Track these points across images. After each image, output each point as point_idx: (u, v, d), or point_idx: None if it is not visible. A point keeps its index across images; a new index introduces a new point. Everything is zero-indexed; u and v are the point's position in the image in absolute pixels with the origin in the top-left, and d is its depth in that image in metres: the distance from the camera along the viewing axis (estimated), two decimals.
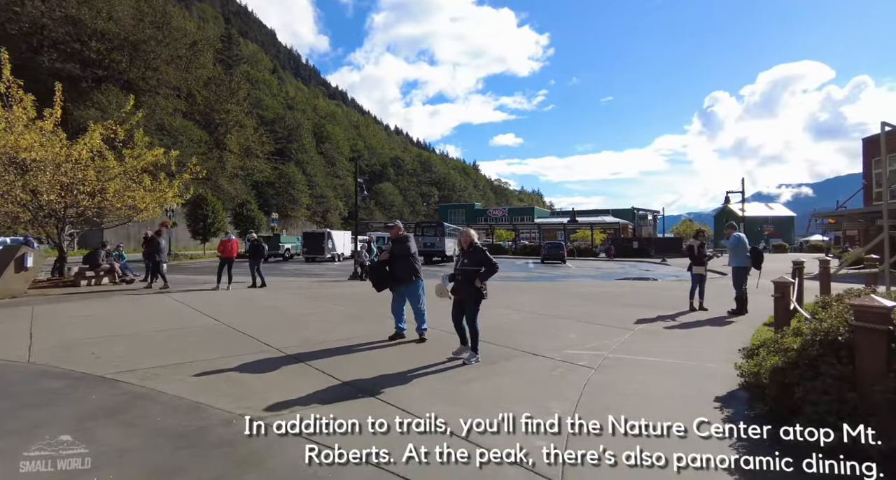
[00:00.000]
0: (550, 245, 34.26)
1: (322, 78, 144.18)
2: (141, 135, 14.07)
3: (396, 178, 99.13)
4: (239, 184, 59.98)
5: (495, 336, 6.19)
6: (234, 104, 60.62)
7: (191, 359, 4.98)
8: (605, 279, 19.80)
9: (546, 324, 7.21)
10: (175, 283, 13.77)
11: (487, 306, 9.05)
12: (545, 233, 57.70)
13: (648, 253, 41.92)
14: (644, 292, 12.32)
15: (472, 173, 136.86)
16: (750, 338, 6.09)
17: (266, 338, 5.99)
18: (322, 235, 30.67)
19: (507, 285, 14.75)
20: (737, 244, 8.09)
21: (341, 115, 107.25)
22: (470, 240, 5.02)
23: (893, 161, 23.21)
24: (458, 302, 5.09)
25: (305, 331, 6.55)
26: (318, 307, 9.07)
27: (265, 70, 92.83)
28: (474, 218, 74.30)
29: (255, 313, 8.20)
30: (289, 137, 78.77)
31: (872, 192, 24.39)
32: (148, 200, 13.33)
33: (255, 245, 12.58)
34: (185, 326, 6.92)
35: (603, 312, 8.41)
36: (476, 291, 4.92)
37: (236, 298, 10.37)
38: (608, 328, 6.85)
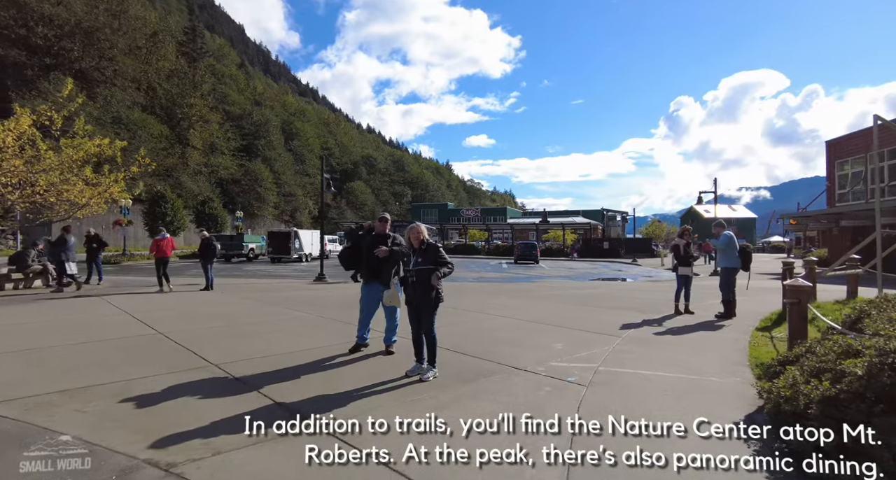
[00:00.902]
0: (523, 245, 33.92)
1: (293, 75, 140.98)
2: (82, 123, 12.77)
3: (368, 177, 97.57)
4: (202, 180, 57.51)
5: (472, 346, 5.50)
6: (198, 98, 58.08)
7: (103, 381, 4.09)
8: (579, 279, 19.46)
9: (526, 331, 6.57)
10: (120, 285, 12.57)
11: (462, 311, 8.57)
12: (518, 233, 57.66)
13: (619, 254, 42.23)
14: (623, 294, 11.89)
15: (445, 173, 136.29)
16: (747, 346, 5.60)
17: (206, 352, 5.13)
18: (288, 234, 29.42)
19: (482, 287, 14.12)
20: (727, 244, 7.63)
21: (311, 112, 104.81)
22: (421, 236, 4.35)
23: (856, 163, 23.78)
24: (413, 309, 4.39)
25: (254, 343, 5.70)
26: (275, 313, 8.19)
27: (232, 65, 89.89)
28: (447, 217, 73.73)
29: (199, 321, 7.26)
30: (256, 134, 76.35)
31: (835, 194, 24.94)
32: (88, 195, 12.06)
33: (207, 243, 11.53)
34: (110, 337, 5.96)
35: (585, 316, 7.85)
36: (434, 294, 4.27)
37: (182, 303, 9.36)
38: (594, 335, 6.26)
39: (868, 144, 22.77)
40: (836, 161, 24.87)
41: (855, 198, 23.51)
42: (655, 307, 8.86)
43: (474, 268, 25.37)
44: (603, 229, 67.03)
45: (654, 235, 66.60)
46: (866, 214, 20.84)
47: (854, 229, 22.65)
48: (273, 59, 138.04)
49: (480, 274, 21.29)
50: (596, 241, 50.38)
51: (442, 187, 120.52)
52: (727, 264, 7.62)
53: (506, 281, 17.62)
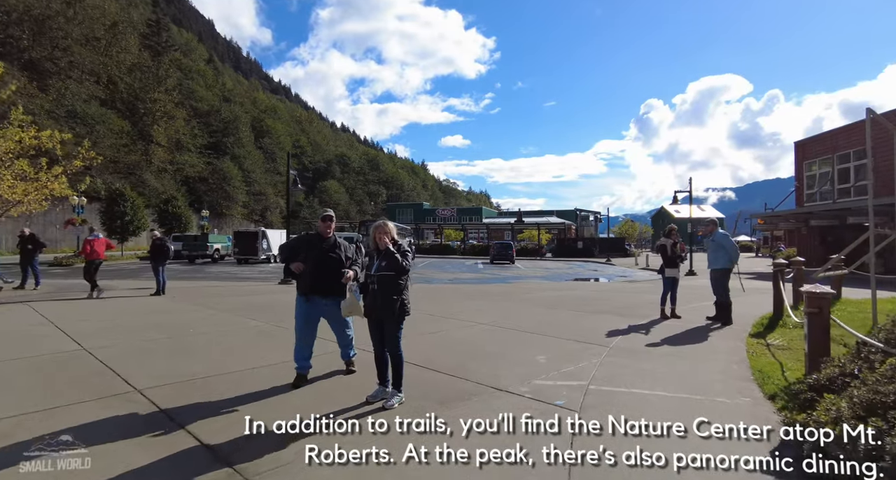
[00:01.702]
0: (499, 245, 33.55)
1: (264, 72, 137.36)
2: (18, 112, 11.58)
3: (342, 176, 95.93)
4: (167, 179, 55.21)
5: (446, 361, 4.87)
6: (163, 93, 55.68)
7: None
8: (556, 279, 19.10)
9: (506, 341, 5.98)
10: (63, 290, 11.46)
11: (437, 318, 7.76)
12: (493, 233, 57.47)
13: (593, 253, 42.44)
14: (603, 295, 11.47)
15: (420, 173, 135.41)
16: (745, 356, 5.15)
17: (133, 373, 4.35)
18: (255, 234, 28.26)
19: (458, 289, 13.52)
20: (723, 243, 7.16)
21: (283, 110, 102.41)
22: (387, 235, 3.64)
23: (823, 164, 24.21)
24: (374, 322, 3.71)
25: (195, 361, 4.93)
26: (227, 322, 7.38)
27: (200, 60, 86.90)
28: (423, 217, 72.98)
29: (136, 333, 6.40)
30: (225, 131, 74.09)
31: (804, 194, 25.37)
32: (22, 191, 10.91)
33: (158, 244, 10.55)
34: (22, 355, 5.08)
35: (568, 322, 7.32)
36: (399, 305, 3.62)
37: (124, 311, 8.43)
38: (580, 344, 5.72)
39: (834, 146, 23.21)
40: (804, 162, 25.29)
41: (822, 199, 23.92)
42: (639, 310, 8.42)
43: (450, 269, 24.78)
44: (576, 229, 67.56)
45: (626, 235, 67.46)
46: (834, 214, 21.17)
47: (822, 229, 23.04)
48: (244, 55, 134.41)
49: (456, 275, 20.71)
50: (570, 241, 50.64)
51: (417, 187, 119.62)
52: (721, 265, 7.13)
53: (482, 282, 17.09)
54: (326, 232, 4.18)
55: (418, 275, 20.58)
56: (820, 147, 24.34)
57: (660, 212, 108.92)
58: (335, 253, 4.13)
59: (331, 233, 4.21)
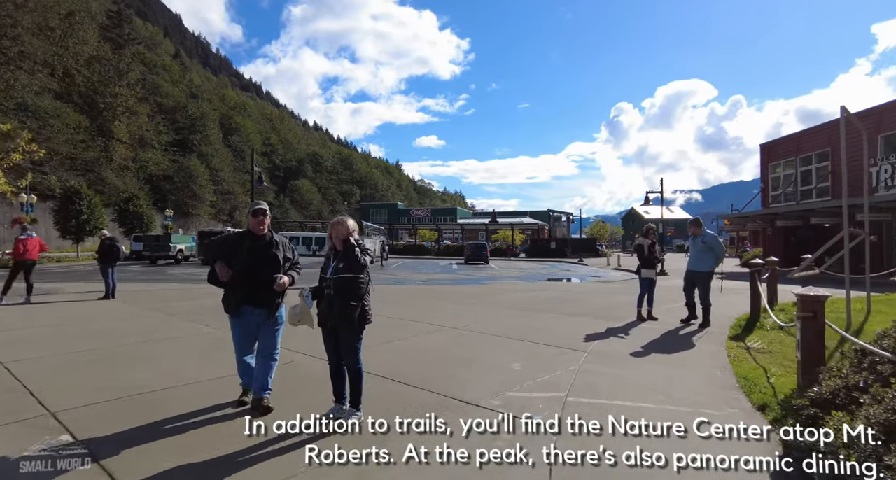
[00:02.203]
0: (473, 245, 33.36)
1: (234, 69, 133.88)
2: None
3: (315, 175, 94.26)
4: (130, 177, 52.91)
5: (413, 370, 4.48)
6: (124, 88, 53.25)
7: None
8: (530, 280, 18.92)
9: (479, 347, 5.62)
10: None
11: (406, 322, 7.26)
12: (467, 233, 57.28)
13: (565, 253, 42.75)
14: (578, 296, 11.26)
15: (395, 173, 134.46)
16: (727, 361, 4.92)
17: (50, 392, 3.79)
18: (221, 234, 27.20)
19: (431, 291, 13.13)
20: (712, 245, 6.88)
21: (253, 107, 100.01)
22: (346, 232, 3.21)
23: (787, 166, 24.85)
24: (329, 331, 3.28)
25: (128, 375, 4.38)
26: (177, 328, 6.79)
27: (165, 54, 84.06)
28: (397, 217, 72.32)
29: (69, 342, 5.76)
30: (192, 128, 71.81)
31: (769, 195, 26.00)
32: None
33: (108, 245, 9.79)
34: None
35: (542, 325, 7.03)
36: (359, 311, 3.20)
37: (63, 317, 7.70)
38: (556, 350, 5.41)
39: (797, 148, 23.83)
40: (769, 164, 25.90)
41: (786, 200, 24.54)
42: (616, 312, 8.20)
43: (424, 270, 24.36)
44: (549, 230, 68.14)
45: (598, 235, 68.43)
46: (798, 215, 21.71)
47: (786, 229, 23.63)
48: (213, 51, 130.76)
49: (429, 275, 20.31)
50: (543, 242, 50.96)
51: (392, 187, 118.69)
52: (707, 267, 6.87)
53: (456, 283, 16.74)
54: (259, 228, 3.48)
55: (391, 276, 20.09)
56: (784, 149, 24.97)
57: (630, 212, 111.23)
58: (271, 254, 3.48)
59: (265, 229, 3.52)
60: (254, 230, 3.49)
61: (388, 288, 13.38)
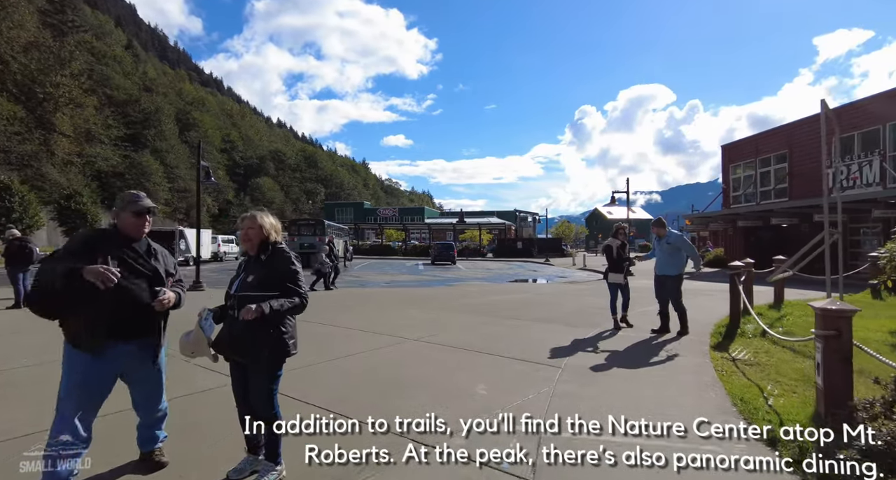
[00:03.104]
0: (440, 245, 32.76)
1: (194, 63, 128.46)
2: None
3: (277, 173, 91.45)
4: (75, 172, 49.59)
5: (359, 398, 3.76)
6: (68, 77, 49.86)
7: None
8: (497, 281, 18.44)
9: (440, 364, 4.94)
10: None
11: (359, 333, 6.33)
12: (435, 233, 56.65)
13: (532, 253, 42.78)
14: (547, 299, 10.75)
15: (361, 171, 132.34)
16: (715, 375, 4.42)
17: None
18: (172, 234, 25.61)
19: (393, 294, 12.37)
20: (679, 245, 6.28)
21: (213, 103, 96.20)
22: (261, 233, 2.49)
23: (747, 167, 25.36)
24: (235, 365, 2.53)
25: (2, 413, 3.47)
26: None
27: (117, 45, 79.62)
28: (364, 217, 70.88)
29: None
30: (145, 122, 68.44)
31: (730, 196, 26.48)
32: None
33: (17, 246, 8.56)
34: None
35: (511, 334, 6.42)
36: (271, 341, 2.42)
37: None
38: (527, 365, 4.79)
39: (757, 150, 24.32)
40: (730, 165, 26.37)
41: (746, 201, 25.03)
42: (589, 318, 7.69)
43: (389, 270, 23.53)
44: (516, 229, 68.37)
45: (563, 235, 69.19)
46: (758, 215, 22.10)
47: (746, 229, 24.06)
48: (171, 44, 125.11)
49: (394, 276, 19.52)
50: (510, 241, 50.95)
51: (358, 186, 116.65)
52: (676, 270, 6.27)
53: (421, 285, 16.04)
54: (140, 231, 2.49)
55: (353, 278, 19.19)
56: (744, 151, 25.45)
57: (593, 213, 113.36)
58: (150, 266, 2.48)
59: (144, 232, 2.52)
60: (129, 232, 2.48)
61: (347, 292, 12.53)
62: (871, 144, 17.31)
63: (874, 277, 10.85)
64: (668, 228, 6.35)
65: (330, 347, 5.56)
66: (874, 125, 17.24)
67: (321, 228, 25.81)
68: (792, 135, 21.80)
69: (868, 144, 17.49)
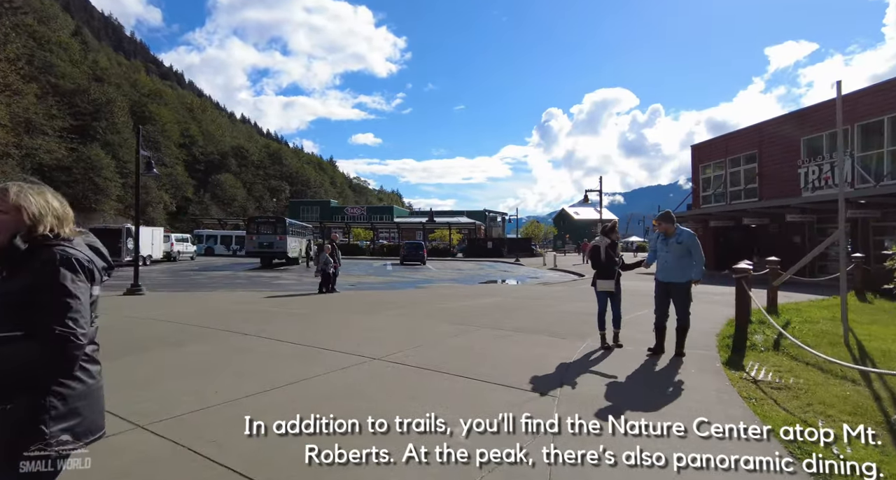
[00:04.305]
0: (410, 245, 31.73)
1: (153, 55, 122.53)
2: None
3: (239, 170, 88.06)
4: (12, 165, 45.86)
5: (290, 453, 2.72)
6: (3, 62, 46.08)
7: None
8: (469, 282, 17.59)
9: (403, 394, 3.95)
10: None
11: (309, 351, 5.20)
12: (404, 232, 55.57)
13: (502, 253, 42.38)
14: (524, 304, 9.91)
15: (328, 169, 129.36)
16: (743, 403, 3.60)
17: None
18: (118, 232, 23.56)
19: (356, 299, 11.27)
20: (691, 247, 5.09)
21: (171, 96, 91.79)
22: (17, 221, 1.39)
23: (717, 167, 25.42)
24: None
25: None
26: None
27: (63, 31, 74.77)
28: (330, 216, 68.97)
29: None
30: (95, 114, 64.48)
31: (700, 196, 26.52)
32: None
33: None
34: None
35: (491, 349, 5.49)
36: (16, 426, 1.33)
37: None
38: (513, 393, 3.86)
39: (727, 149, 24.38)
40: (700, 165, 26.41)
41: (716, 201, 25.08)
42: (572, 327, 6.84)
43: (355, 272, 22.32)
44: (486, 229, 68.10)
45: (533, 235, 69.28)
46: (730, 216, 22.08)
47: (717, 230, 24.08)
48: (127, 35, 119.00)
49: (360, 278, 18.36)
50: (480, 241, 50.49)
51: (325, 184, 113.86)
52: (685, 277, 5.01)
53: (389, 287, 15.00)
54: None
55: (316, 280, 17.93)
56: (713, 151, 25.51)
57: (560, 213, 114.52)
58: None
59: None
60: None
61: (305, 297, 11.35)
62: None
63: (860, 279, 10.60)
64: (678, 225, 5.20)
65: (269, 371, 4.50)
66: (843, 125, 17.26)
67: (282, 226, 24.29)
68: (761, 136, 21.86)
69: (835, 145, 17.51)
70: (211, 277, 18.53)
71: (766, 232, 20.79)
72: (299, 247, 26.39)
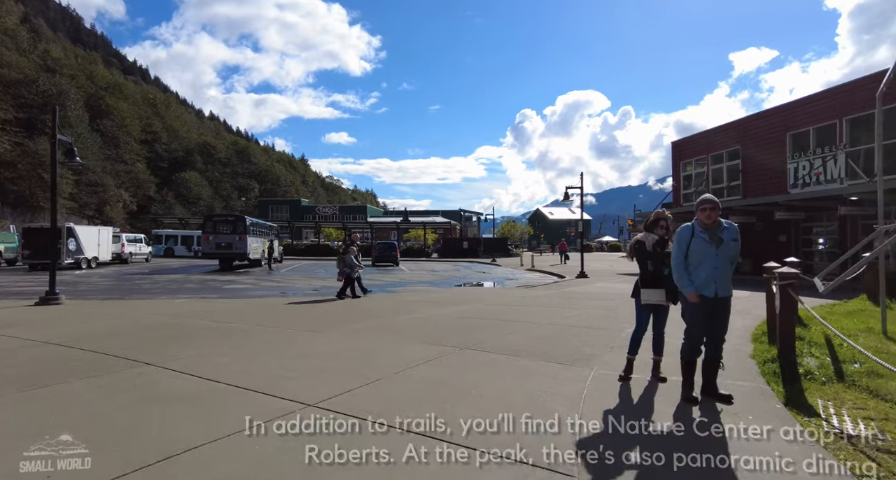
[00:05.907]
0: (382, 245, 30.25)
1: (115, 49, 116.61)
2: None
3: (206, 168, 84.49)
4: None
5: None
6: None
7: None
8: (445, 285, 16.25)
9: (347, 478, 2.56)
10: None
11: (233, 388, 3.68)
12: (378, 232, 53.97)
13: (477, 253, 41.46)
14: (506, 312, 8.62)
15: (300, 167, 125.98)
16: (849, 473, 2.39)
17: None
18: (58, 231, 21.31)
19: (314, 309, 9.75)
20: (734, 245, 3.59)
21: (133, 90, 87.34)
22: None
23: (698, 164, 24.77)
24: None
25: None
26: None
27: (9, 16, 70.17)
28: (301, 215, 66.62)
29: None
30: (44, 106, 60.45)
31: (681, 194, 25.87)
32: None
33: None
34: None
35: (471, 386, 4.12)
36: None
37: None
38: (512, 472, 2.52)
39: (708, 146, 23.74)
40: (680, 162, 25.76)
41: (697, 198, 24.45)
42: (571, 347, 5.57)
43: (321, 274, 20.67)
44: (461, 229, 67.14)
45: (509, 235, 68.57)
46: None
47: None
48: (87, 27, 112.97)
49: (325, 282, 16.76)
50: (456, 241, 49.45)
51: (296, 182, 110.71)
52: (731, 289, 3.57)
53: None
54: None
55: (274, 284, 16.29)
56: (695, 147, 24.87)
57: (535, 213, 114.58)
58: None
59: None
60: None
61: (252, 304, 9.76)
62: (827, 140, 16.72)
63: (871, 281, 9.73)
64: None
65: (140, 436, 3.03)
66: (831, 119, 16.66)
67: (242, 225, 22.43)
68: (744, 132, 21.24)
69: (824, 140, 16.90)
70: (157, 282, 16.64)
71: (751, 230, 20.14)
72: (262, 248, 24.55)
